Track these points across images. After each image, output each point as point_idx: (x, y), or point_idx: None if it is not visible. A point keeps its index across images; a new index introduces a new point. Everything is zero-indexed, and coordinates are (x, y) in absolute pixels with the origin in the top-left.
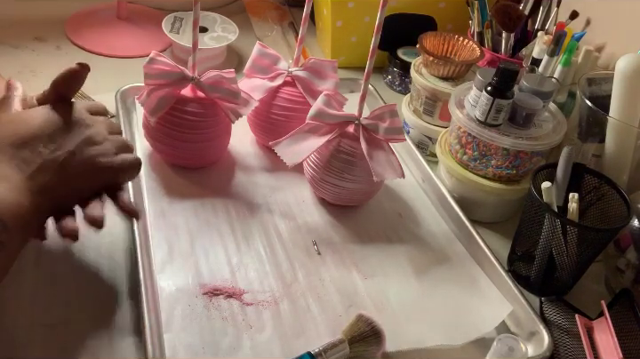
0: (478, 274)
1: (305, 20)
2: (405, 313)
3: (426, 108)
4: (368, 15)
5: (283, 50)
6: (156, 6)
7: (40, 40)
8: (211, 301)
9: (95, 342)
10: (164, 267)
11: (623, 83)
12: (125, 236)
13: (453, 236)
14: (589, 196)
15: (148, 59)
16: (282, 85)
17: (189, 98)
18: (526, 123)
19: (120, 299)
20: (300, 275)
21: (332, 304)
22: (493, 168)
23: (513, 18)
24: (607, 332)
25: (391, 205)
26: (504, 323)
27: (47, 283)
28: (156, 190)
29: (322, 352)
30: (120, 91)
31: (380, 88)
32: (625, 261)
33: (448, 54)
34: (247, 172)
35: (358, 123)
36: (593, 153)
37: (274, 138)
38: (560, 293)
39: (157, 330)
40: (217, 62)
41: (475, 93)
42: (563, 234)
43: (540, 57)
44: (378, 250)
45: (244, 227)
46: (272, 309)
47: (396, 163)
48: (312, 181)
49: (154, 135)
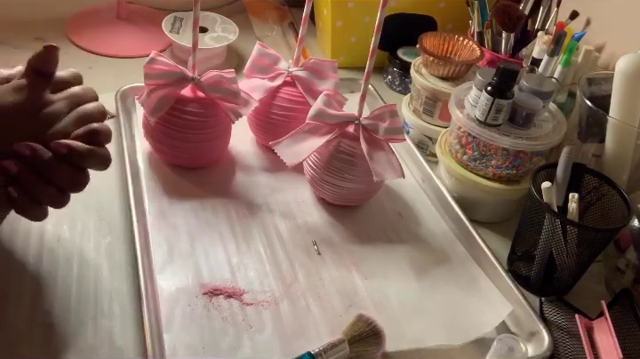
0: (478, 274)
1: (305, 20)
2: (405, 313)
3: (426, 108)
4: (368, 15)
5: (283, 50)
6: (156, 6)
7: (40, 40)
8: (211, 301)
9: (95, 342)
10: (164, 267)
11: (623, 83)
12: (125, 236)
13: (453, 236)
14: (589, 196)
15: (148, 59)
16: (282, 85)
17: (189, 98)
18: (526, 123)
19: (120, 298)
20: (300, 275)
21: (332, 304)
22: (493, 168)
23: (513, 18)
24: (607, 332)
25: (391, 205)
26: (504, 323)
27: (47, 283)
28: (156, 190)
29: (322, 352)
30: (120, 91)
31: (380, 88)
32: (625, 261)
33: (448, 54)
34: (247, 172)
35: (358, 123)
36: (593, 153)
37: (274, 138)
38: (560, 293)
39: (157, 330)
40: (217, 62)
41: (475, 93)
42: (563, 234)
43: (540, 57)
44: (378, 250)
45: (244, 227)
46: (272, 309)
47: (396, 163)
48: (312, 181)
49: (154, 135)
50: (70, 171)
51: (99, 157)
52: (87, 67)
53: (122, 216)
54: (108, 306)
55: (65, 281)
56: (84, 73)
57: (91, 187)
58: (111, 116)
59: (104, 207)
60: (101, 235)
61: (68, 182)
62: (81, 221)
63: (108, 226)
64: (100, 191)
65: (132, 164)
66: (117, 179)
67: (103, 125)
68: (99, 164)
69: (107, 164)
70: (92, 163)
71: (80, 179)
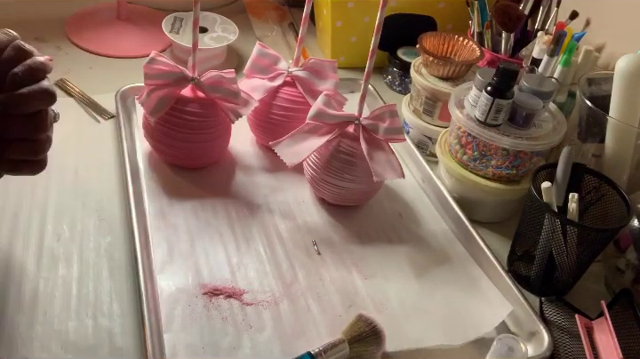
0: (478, 274)
1: (305, 20)
2: (405, 313)
3: (426, 108)
4: (368, 15)
5: (283, 50)
6: (156, 6)
7: (40, 40)
8: (211, 301)
9: (95, 342)
10: (164, 267)
11: (623, 83)
12: (125, 236)
13: (453, 236)
14: (589, 196)
15: (148, 59)
16: (282, 85)
17: (189, 98)
18: (526, 124)
19: (120, 299)
20: (300, 275)
21: (332, 304)
22: (493, 168)
23: (513, 18)
24: (607, 332)
25: (391, 205)
26: (504, 323)
27: (47, 284)
28: (156, 190)
29: (322, 352)
30: (120, 91)
31: (380, 88)
32: (625, 261)
33: (448, 54)
34: (247, 172)
35: (358, 124)
36: (593, 153)
37: (274, 138)
38: (560, 293)
39: (157, 330)
40: (217, 62)
41: (475, 93)
42: (563, 234)
43: (540, 57)
44: (378, 250)
45: (244, 227)
46: (272, 309)
47: (395, 164)
48: (312, 181)
49: (154, 135)
50: (20, 121)
51: (30, 96)
52: (87, 68)
53: (122, 216)
54: (108, 306)
55: (65, 281)
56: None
57: (91, 187)
58: (111, 116)
59: (104, 207)
60: (101, 235)
61: (23, 129)
62: (81, 221)
63: (108, 226)
64: (100, 191)
65: (132, 164)
66: (117, 179)
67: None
68: (41, 100)
69: (50, 99)
70: (30, 105)
71: (33, 123)
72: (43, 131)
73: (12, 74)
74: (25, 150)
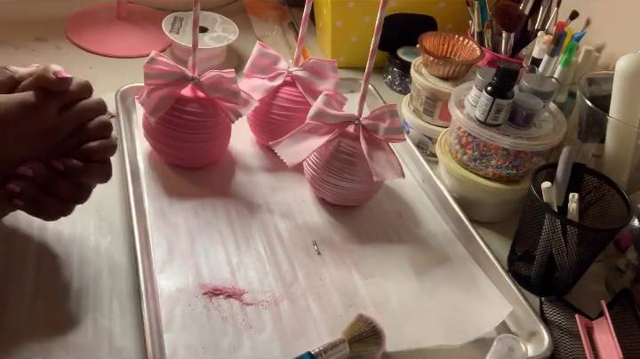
0: (478, 274)
1: (305, 20)
2: (405, 313)
3: (426, 108)
4: (368, 15)
5: (283, 50)
6: (156, 6)
7: (40, 40)
8: (211, 301)
9: (95, 342)
10: (164, 267)
11: (623, 83)
12: (125, 236)
13: (453, 236)
14: (589, 196)
15: (148, 59)
16: (282, 85)
17: (189, 98)
18: (526, 123)
19: (120, 298)
20: (300, 275)
21: (332, 304)
22: (493, 168)
23: (513, 18)
24: (607, 332)
25: (391, 205)
26: (504, 323)
27: (47, 283)
28: (156, 190)
29: (322, 352)
30: (120, 91)
31: (380, 88)
32: (625, 261)
33: (448, 54)
34: (247, 172)
35: (358, 123)
36: (593, 153)
37: (274, 138)
38: (560, 293)
39: (157, 330)
40: (217, 62)
41: (475, 93)
42: (563, 234)
43: (540, 57)
44: (378, 250)
45: (244, 227)
46: (272, 309)
47: (396, 163)
48: (312, 181)
49: (154, 135)
50: (69, 186)
51: (95, 173)
52: (87, 67)
53: (122, 216)
54: (108, 306)
55: (65, 281)
56: (84, 73)
57: None
58: (111, 116)
59: (104, 207)
60: (101, 235)
61: (68, 195)
62: (81, 221)
63: (108, 226)
64: (100, 191)
65: (132, 164)
66: (117, 179)
67: (102, 142)
68: (96, 179)
69: (106, 178)
70: (88, 178)
71: (79, 193)
72: (80, 201)
73: (91, 150)
74: (53, 207)
